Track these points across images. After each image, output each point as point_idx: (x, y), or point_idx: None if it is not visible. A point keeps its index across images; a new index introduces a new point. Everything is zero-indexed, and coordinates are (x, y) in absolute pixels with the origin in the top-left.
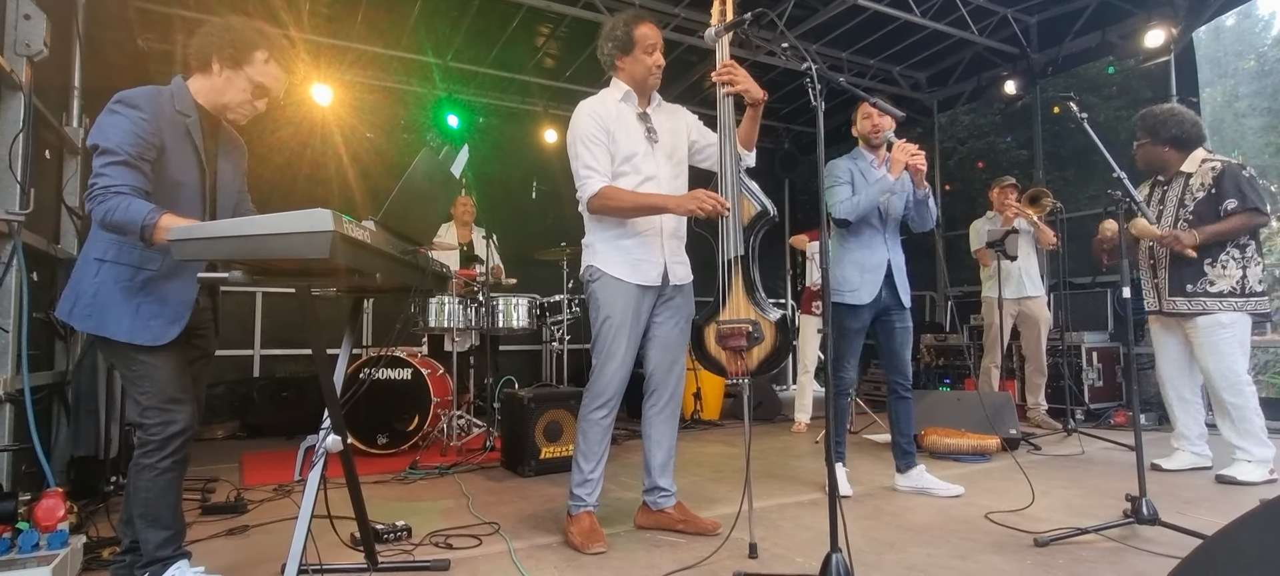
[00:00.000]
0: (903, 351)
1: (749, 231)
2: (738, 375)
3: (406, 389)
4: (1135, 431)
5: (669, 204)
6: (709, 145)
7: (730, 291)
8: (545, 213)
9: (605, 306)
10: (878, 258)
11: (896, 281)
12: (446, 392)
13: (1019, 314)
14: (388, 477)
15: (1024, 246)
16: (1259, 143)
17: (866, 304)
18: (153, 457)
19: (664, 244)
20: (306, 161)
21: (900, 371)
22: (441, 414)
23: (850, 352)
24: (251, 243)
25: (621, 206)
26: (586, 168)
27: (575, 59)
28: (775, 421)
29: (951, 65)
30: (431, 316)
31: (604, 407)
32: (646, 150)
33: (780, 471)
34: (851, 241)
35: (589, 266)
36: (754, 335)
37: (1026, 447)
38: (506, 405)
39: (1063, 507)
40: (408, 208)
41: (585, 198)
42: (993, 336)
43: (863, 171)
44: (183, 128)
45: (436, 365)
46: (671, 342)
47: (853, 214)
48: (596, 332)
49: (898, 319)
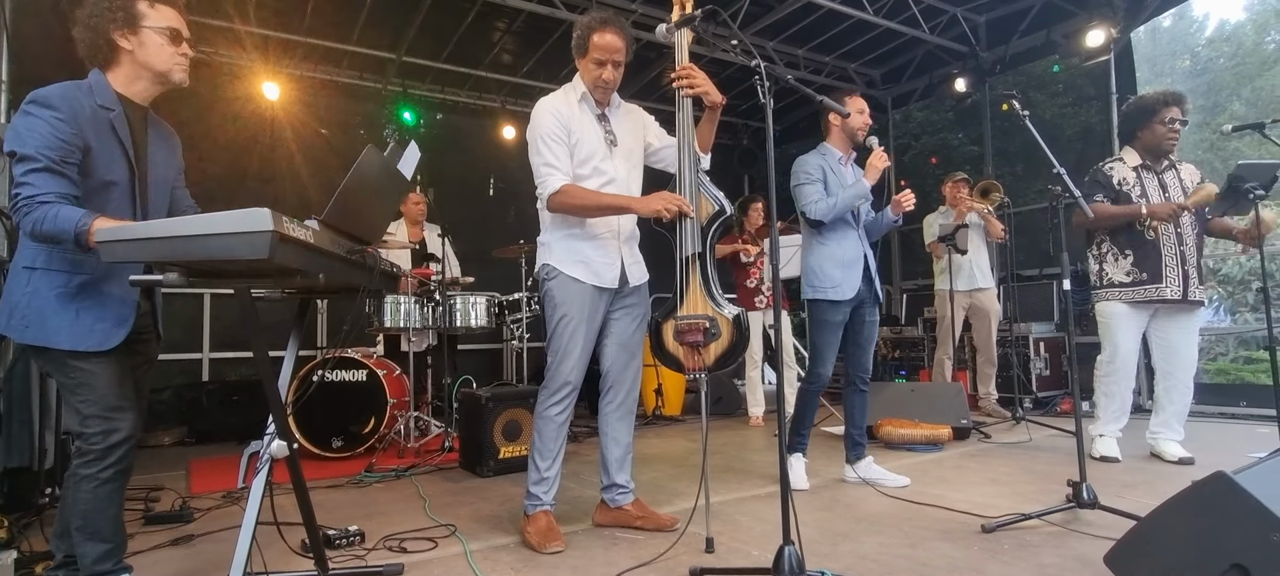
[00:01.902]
0: (868, 347)
1: (706, 230)
2: (695, 371)
3: (362, 390)
4: (1077, 418)
5: (633, 205)
6: (665, 148)
7: (687, 288)
8: (504, 210)
9: (561, 304)
10: (855, 252)
11: (872, 275)
12: (403, 393)
13: (970, 306)
14: (343, 481)
15: (974, 240)
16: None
17: (848, 299)
18: (93, 468)
19: (620, 247)
20: (255, 159)
21: (862, 366)
22: (398, 415)
23: (831, 348)
24: (186, 243)
25: (583, 205)
26: (547, 165)
27: (533, 54)
28: (736, 416)
29: (904, 63)
30: (387, 316)
31: (560, 404)
32: (605, 153)
33: (738, 465)
34: (829, 238)
35: (545, 265)
36: (711, 331)
37: (977, 436)
38: (465, 405)
39: (1010, 494)
40: (353, 206)
41: (546, 194)
42: (945, 328)
43: (832, 168)
44: (106, 124)
45: (393, 366)
46: (628, 340)
47: (829, 216)
48: (552, 330)
49: (869, 314)
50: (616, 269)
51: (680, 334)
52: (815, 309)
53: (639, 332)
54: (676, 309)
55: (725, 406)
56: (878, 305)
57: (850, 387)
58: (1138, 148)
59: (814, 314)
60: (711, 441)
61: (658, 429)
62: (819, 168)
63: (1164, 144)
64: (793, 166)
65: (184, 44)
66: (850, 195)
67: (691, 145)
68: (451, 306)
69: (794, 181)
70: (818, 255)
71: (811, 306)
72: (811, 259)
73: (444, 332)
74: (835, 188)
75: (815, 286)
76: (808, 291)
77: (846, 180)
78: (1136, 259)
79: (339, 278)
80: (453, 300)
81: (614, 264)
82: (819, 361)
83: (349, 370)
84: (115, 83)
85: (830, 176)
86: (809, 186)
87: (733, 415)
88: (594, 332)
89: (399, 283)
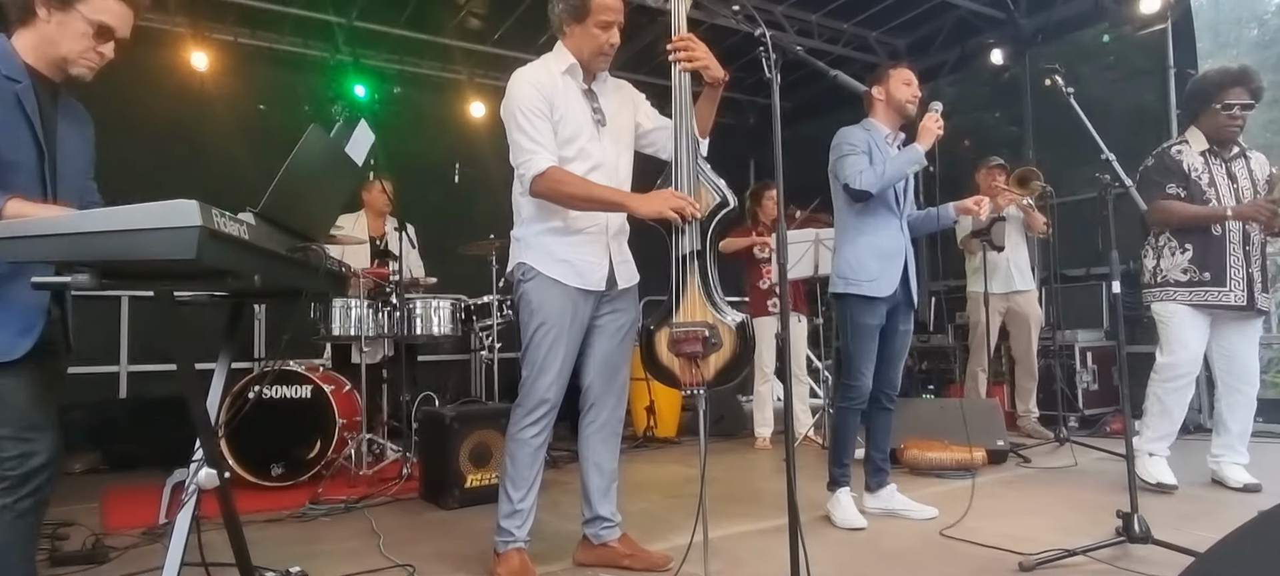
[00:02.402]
0: (898, 360)
1: (706, 224)
2: (693, 386)
3: (306, 409)
4: (1127, 440)
5: (630, 203)
6: (657, 130)
7: (685, 292)
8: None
9: (539, 310)
10: (896, 244)
11: (910, 275)
12: (354, 412)
13: (1008, 311)
14: (284, 515)
15: (1012, 235)
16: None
17: (885, 297)
18: (8, 497)
19: (609, 243)
20: (181, 142)
21: (889, 381)
22: (348, 438)
23: (868, 354)
24: (99, 241)
25: (573, 195)
26: (530, 142)
27: (505, 20)
28: (740, 437)
29: (932, 31)
30: (335, 323)
31: (536, 425)
32: (593, 133)
33: (743, 494)
34: (867, 225)
35: (520, 264)
36: (711, 340)
37: (1015, 460)
38: (426, 426)
39: (1052, 526)
40: (295, 196)
41: (529, 176)
42: (979, 336)
43: (878, 144)
44: (11, 96)
45: (342, 381)
46: (615, 351)
47: (876, 185)
48: (528, 339)
49: (902, 320)
50: (604, 268)
51: (676, 344)
52: (848, 307)
53: (627, 342)
54: (672, 315)
55: (727, 426)
56: (912, 311)
57: (873, 405)
58: (1203, 131)
59: (847, 314)
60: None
61: (649, 452)
62: (863, 140)
63: (1224, 132)
64: (834, 139)
65: (110, 45)
66: (902, 162)
67: (690, 127)
68: (411, 311)
69: (835, 154)
70: (855, 244)
71: (843, 304)
72: (847, 248)
73: (402, 342)
74: (879, 163)
75: (849, 278)
76: (838, 284)
77: (888, 155)
78: (1196, 254)
79: (278, 279)
80: (412, 304)
81: (601, 263)
82: (854, 371)
83: (291, 386)
84: (21, 49)
85: (876, 152)
86: (853, 156)
87: (736, 436)
88: (577, 342)
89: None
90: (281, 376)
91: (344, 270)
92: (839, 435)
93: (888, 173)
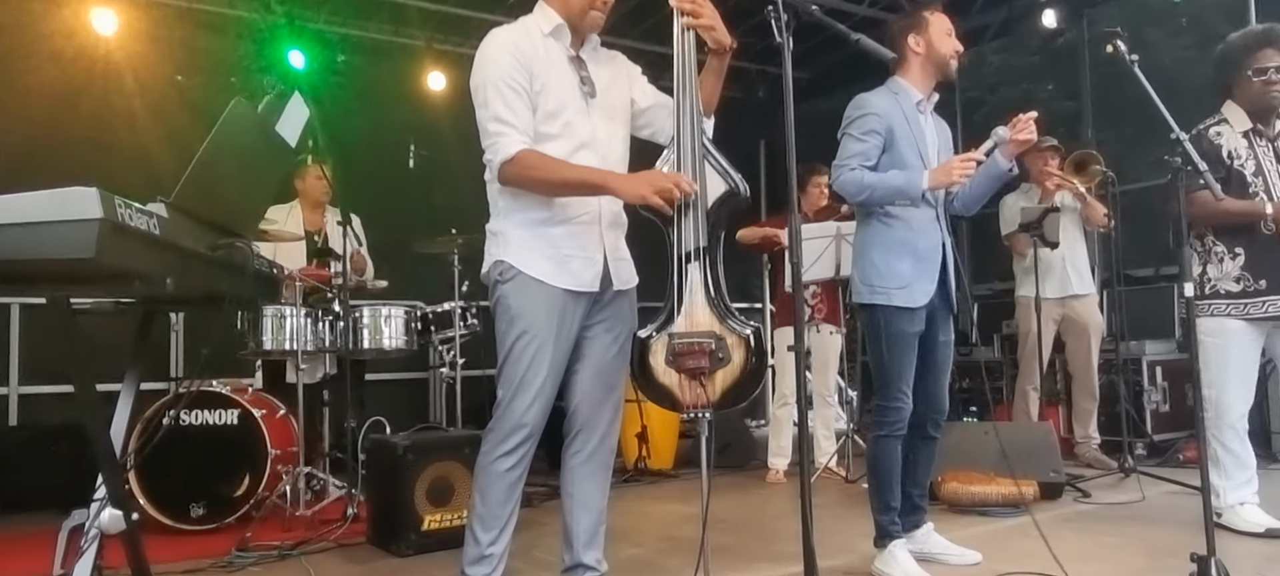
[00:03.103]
0: (942, 374)
1: (713, 216)
2: (695, 408)
3: (232, 438)
4: (1202, 469)
5: (612, 183)
6: (655, 108)
7: (686, 296)
8: (429, 187)
9: (520, 317)
10: (932, 241)
11: (948, 276)
12: (289, 442)
13: (1064, 318)
14: (206, 564)
15: (1069, 229)
16: None
17: (922, 305)
18: None
19: (603, 234)
20: (81, 118)
21: (935, 402)
22: (282, 472)
23: (907, 371)
24: None
25: (546, 180)
26: (498, 122)
27: None
28: (749, 469)
29: None
30: (267, 335)
31: (513, 453)
32: (581, 106)
33: (753, 537)
34: (893, 220)
35: (498, 262)
36: (718, 354)
37: (1072, 494)
38: (375, 457)
39: (1115, 572)
40: (215, 183)
41: (496, 162)
42: (1030, 349)
43: (908, 116)
44: None
45: (275, 404)
46: (607, 367)
47: (856, 197)
48: (506, 352)
49: (941, 329)
50: (596, 265)
51: (676, 358)
52: (878, 319)
53: (621, 356)
54: (670, 323)
55: (734, 456)
56: (953, 316)
57: (914, 431)
58: (1241, 105)
59: (878, 327)
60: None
61: (641, 487)
62: (884, 115)
63: (1262, 100)
64: (848, 107)
65: None
66: (896, 186)
67: (695, 98)
68: (357, 321)
69: (842, 127)
70: (879, 242)
71: (871, 316)
72: (873, 247)
73: (346, 357)
74: (902, 150)
75: (876, 287)
76: (863, 293)
77: (925, 136)
78: (1248, 260)
79: (196, 282)
80: (359, 312)
81: (594, 259)
82: (892, 390)
83: (214, 410)
84: None
85: (898, 130)
86: (856, 141)
87: (744, 468)
88: (564, 355)
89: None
90: (202, 399)
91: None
92: (881, 471)
93: (875, 192)
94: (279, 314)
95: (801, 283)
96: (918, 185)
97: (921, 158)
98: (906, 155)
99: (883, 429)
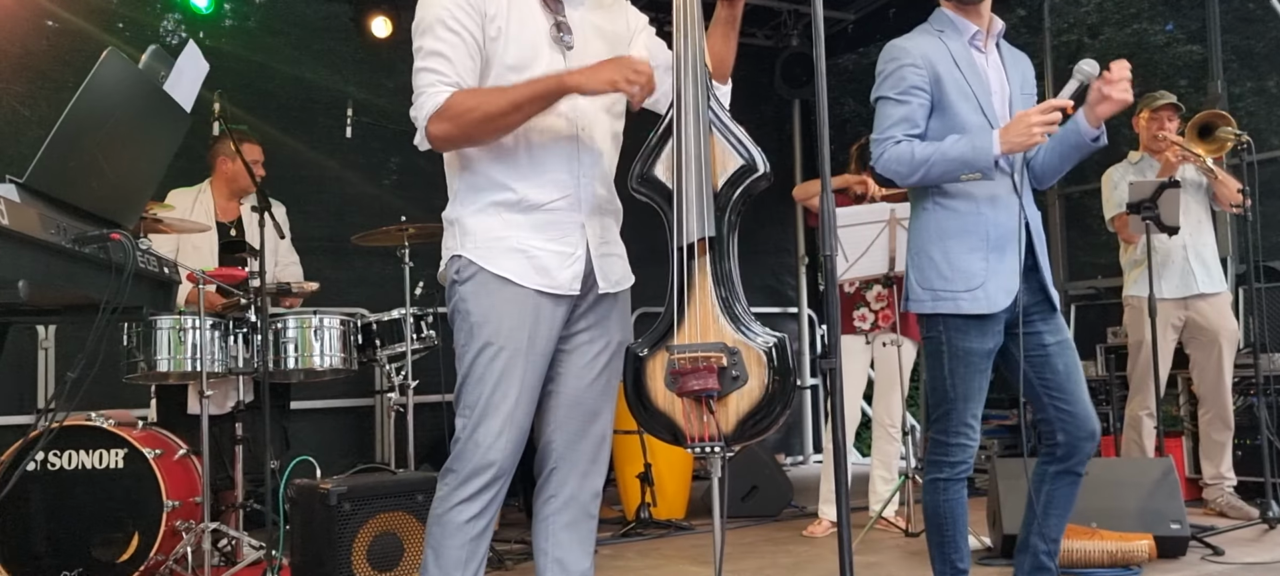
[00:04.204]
0: (1076, 383)
1: (724, 199)
2: (703, 441)
3: (116, 486)
4: None
5: (570, 83)
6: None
7: (691, 299)
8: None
9: (483, 324)
10: (1008, 221)
11: (1039, 260)
12: (191, 490)
13: (1187, 324)
14: None
15: (1193, 210)
16: None
17: (998, 311)
18: None
19: (586, 222)
20: None
21: (1081, 423)
22: (182, 529)
23: (973, 399)
24: None
25: (488, 115)
26: (429, 71)
27: None
28: (783, 518)
29: None
30: (161, 354)
31: (476, 498)
32: (552, 56)
33: None
34: (954, 200)
35: (455, 258)
36: (731, 372)
37: (1200, 552)
38: (302, 508)
39: None
40: (83, 158)
41: (422, 121)
42: (1144, 363)
43: (958, 59)
44: None
45: (173, 442)
46: (586, 390)
47: (909, 177)
48: (466, 370)
49: (1047, 327)
50: (577, 261)
51: (679, 378)
52: (939, 333)
53: (608, 376)
54: (670, 335)
55: (764, 503)
56: (1057, 311)
57: (1048, 460)
58: None
59: (939, 342)
60: (740, 566)
61: (645, 543)
62: (925, 64)
63: None
64: (879, 59)
65: None
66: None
67: (698, 45)
68: (280, 334)
69: (874, 90)
70: (936, 232)
71: (932, 329)
72: (926, 242)
73: (265, 380)
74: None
75: (938, 290)
76: (923, 300)
77: (988, 82)
78: None
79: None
80: (282, 323)
81: (574, 250)
82: (955, 425)
83: (92, 450)
84: None
85: (947, 79)
86: (895, 103)
87: (776, 517)
88: (540, 372)
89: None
90: (76, 436)
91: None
92: (945, 523)
93: (932, 165)
94: (178, 326)
95: (836, 279)
96: (987, 151)
97: (983, 113)
98: (962, 112)
99: (942, 471)
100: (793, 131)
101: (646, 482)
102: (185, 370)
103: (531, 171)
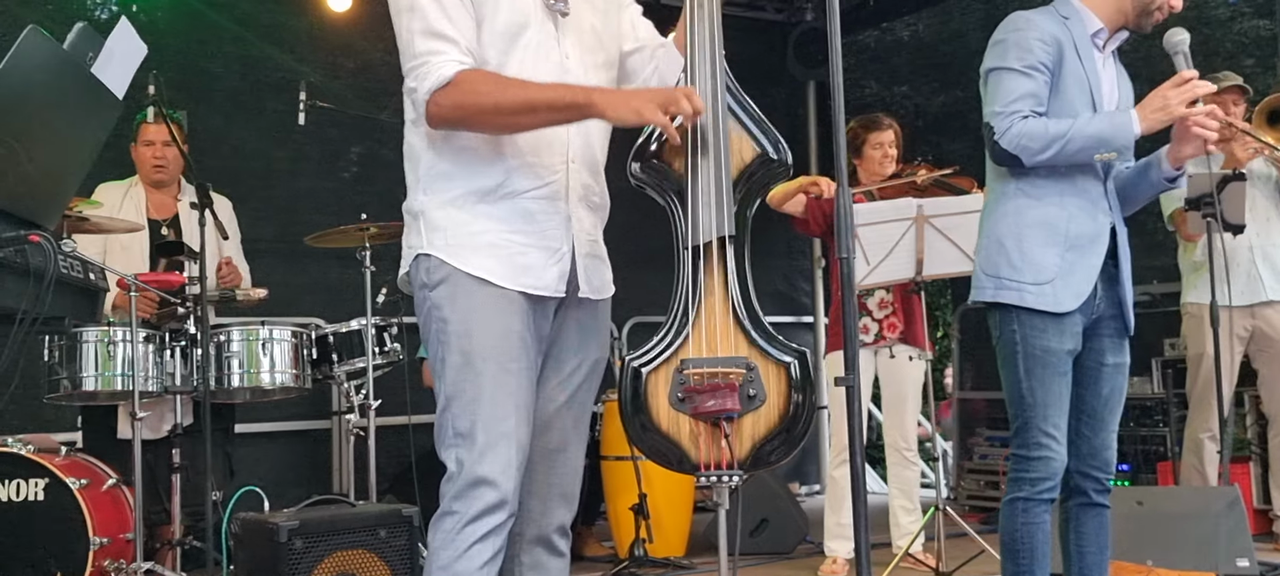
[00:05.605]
0: (1108, 413)
1: (741, 193)
2: (716, 469)
3: (36, 520)
4: None
5: (599, 103)
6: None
7: (703, 306)
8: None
9: (461, 334)
10: (1093, 225)
11: (1122, 274)
12: (122, 525)
13: (1255, 334)
14: None
15: (1261, 206)
16: None
17: (1072, 310)
18: None
19: (571, 215)
20: None
21: (1101, 453)
22: (112, 569)
23: (1054, 406)
24: None
25: (503, 106)
26: (431, 36)
27: None
28: (797, 555)
29: None
30: (87, 370)
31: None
32: (545, 25)
33: None
34: (1041, 188)
35: (422, 258)
36: (748, 391)
37: None
38: (248, 545)
39: None
40: None
41: (424, 92)
42: (1207, 378)
43: (1079, 49)
44: None
45: (101, 471)
46: (560, 412)
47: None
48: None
49: (1111, 348)
50: (562, 259)
51: (693, 397)
52: (1012, 329)
53: (584, 393)
54: (677, 346)
55: (775, 537)
56: (1127, 337)
57: (1073, 497)
58: None
59: (1013, 340)
60: None
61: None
62: (1052, 43)
63: None
64: (1000, 28)
65: None
66: (1097, 132)
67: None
68: (223, 347)
69: (988, 60)
70: (1014, 220)
71: (1002, 324)
72: (1002, 231)
73: (206, 400)
74: (1070, 94)
75: (1003, 279)
76: (986, 287)
77: (1101, 81)
78: None
79: None
80: (225, 336)
81: (559, 249)
82: (1033, 435)
83: (10, 480)
84: None
85: (1068, 64)
86: (1021, 76)
87: (789, 554)
88: (533, 383)
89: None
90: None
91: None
92: (1021, 551)
93: (1069, 141)
94: (106, 339)
95: (854, 286)
96: (1128, 127)
97: (1094, 109)
98: (1076, 103)
99: (1021, 489)
100: (807, 116)
101: (642, 515)
102: (115, 389)
103: (511, 153)
